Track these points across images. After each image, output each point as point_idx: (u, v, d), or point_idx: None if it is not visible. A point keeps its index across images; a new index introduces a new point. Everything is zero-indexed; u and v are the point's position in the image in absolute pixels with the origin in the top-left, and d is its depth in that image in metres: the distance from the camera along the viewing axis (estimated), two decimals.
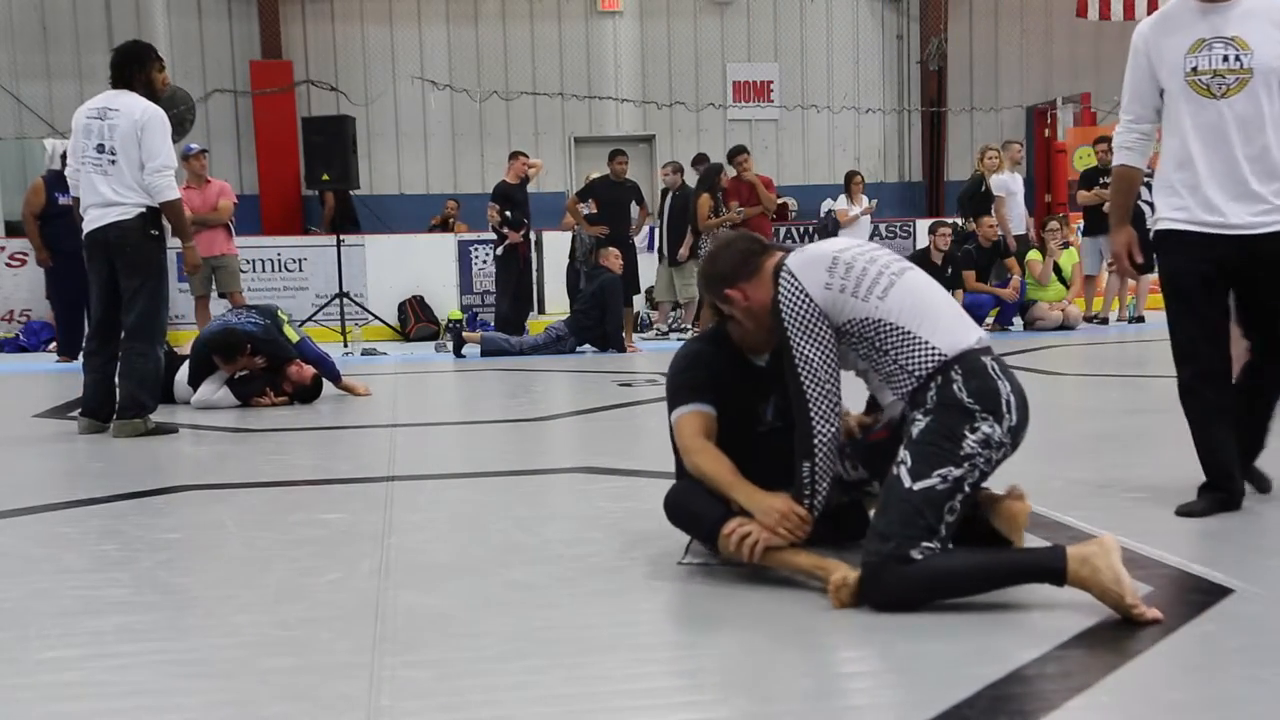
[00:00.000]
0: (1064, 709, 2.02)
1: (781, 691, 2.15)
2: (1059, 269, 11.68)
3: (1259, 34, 3.29)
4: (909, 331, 2.66)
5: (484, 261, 13.18)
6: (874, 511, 2.76)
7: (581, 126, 16.96)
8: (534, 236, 12.33)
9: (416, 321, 12.92)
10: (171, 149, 5.79)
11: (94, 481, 4.62)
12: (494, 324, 11.72)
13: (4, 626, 2.63)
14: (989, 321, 11.16)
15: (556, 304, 12.88)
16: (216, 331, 6.95)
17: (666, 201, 11.91)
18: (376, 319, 12.65)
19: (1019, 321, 11.69)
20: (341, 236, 12.17)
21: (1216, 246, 3.35)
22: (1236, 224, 3.32)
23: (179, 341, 9.48)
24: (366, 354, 10.67)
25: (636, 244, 11.85)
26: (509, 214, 11.24)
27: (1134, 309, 11.93)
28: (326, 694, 2.17)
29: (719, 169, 11.42)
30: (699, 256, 11.22)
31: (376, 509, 3.80)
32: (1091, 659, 2.26)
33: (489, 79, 16.61)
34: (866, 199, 13.13)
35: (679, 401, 2.98)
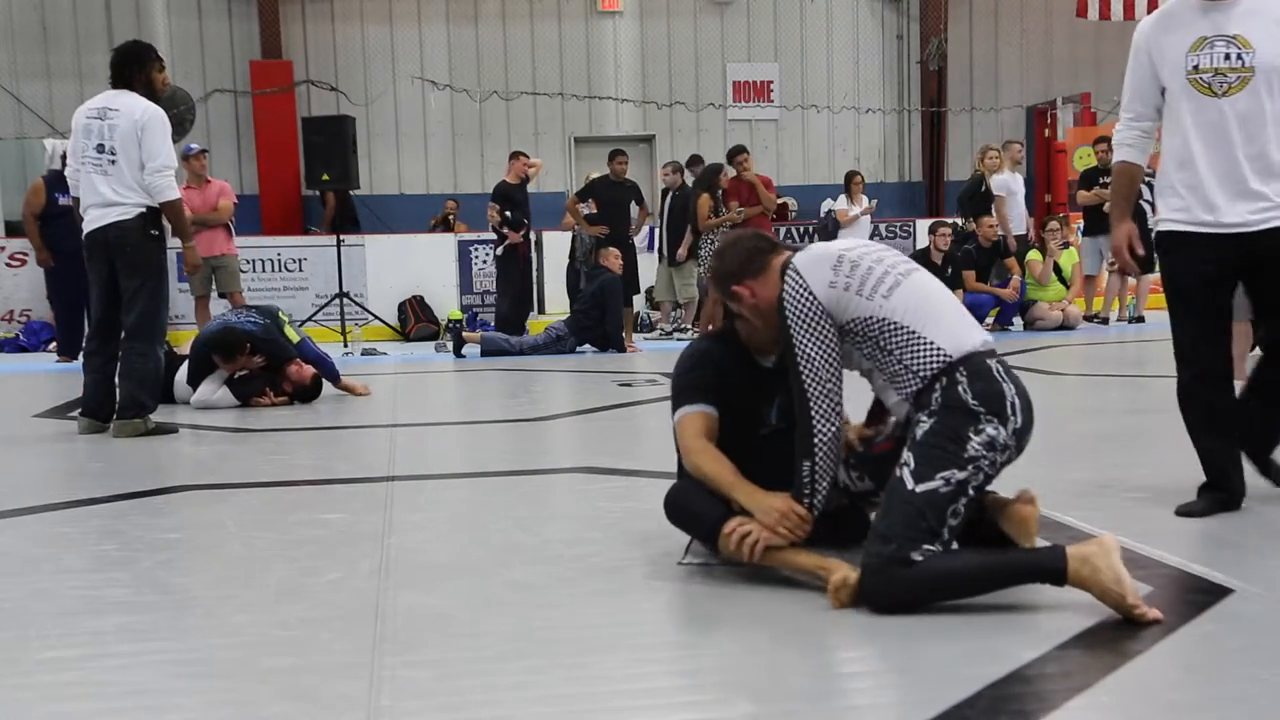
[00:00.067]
0: (1064, 709, 2.02)
1: (781, 691, 2.15)
2: (1059, 269, 11.68)
3: (1261, 32, 3.29)
4: (913, 331, 2.66)
5: (484, 261, 13.18)
6: (875, 513, 2.75)
7: (581, 126, 16.97)
8: (534, 236, 12.33)
9: (416, 321, 12.92)
10: (172, 149, 5.79)
11: (94, 481, 4.61)
12: (494, 324, 11.72)
13: (4, 626, 2.63)
14: (989, 321, 11.16)
15: (556, 304, 12.88)
16: (216, 331, 6.95)
17: (666, 201, 11.92)
18: (376, 319, 12.65)
19: (1019, 321, 11.69)
20: (341, 236, 12.17)
21: (1217, 246, 3.35)
22: (1236, 223, 3.32)
23: (179, 341, 9.48)
24: (366, 354, 10.66)
25: (636, 244, 11.85)
26: (509, 214, 11.24)
27: (1134, 309, 11.93)
28: (326, 694, 2.17)
29: (719, 169, 11.40)
30: (698, 257, 11.23)
31: (376, 509, 3.80)
32: (1091, 659, 2.26)
33: (489, 79, 16.62)
34: (866, 199, 13.12)
35: (683, 401, 2.98)
